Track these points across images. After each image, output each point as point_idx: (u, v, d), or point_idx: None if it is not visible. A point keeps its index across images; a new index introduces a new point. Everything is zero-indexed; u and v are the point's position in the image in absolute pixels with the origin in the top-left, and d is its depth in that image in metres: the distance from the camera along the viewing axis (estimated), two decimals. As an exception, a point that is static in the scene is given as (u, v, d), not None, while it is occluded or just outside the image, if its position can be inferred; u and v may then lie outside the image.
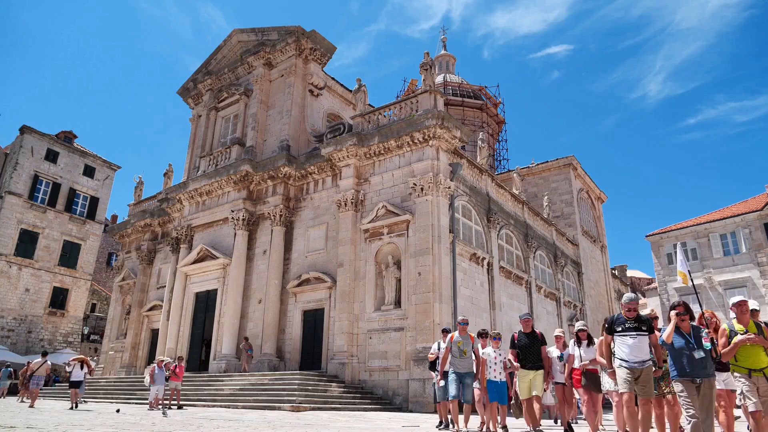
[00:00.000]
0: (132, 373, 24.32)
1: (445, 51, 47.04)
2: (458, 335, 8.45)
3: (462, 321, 8.66)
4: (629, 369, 5.81)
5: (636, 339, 5.85)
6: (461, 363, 8.28)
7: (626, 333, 5.93)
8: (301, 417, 11.63)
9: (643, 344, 5.85)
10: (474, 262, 19.71)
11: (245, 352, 19.17)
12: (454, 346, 8.35)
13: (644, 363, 5.80)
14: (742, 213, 31.63)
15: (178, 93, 28.54)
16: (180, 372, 15.12)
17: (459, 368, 8.26)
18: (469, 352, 8.33)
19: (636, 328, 5.91)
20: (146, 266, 26.97)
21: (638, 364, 5.79)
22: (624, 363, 5.87)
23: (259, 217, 21.77)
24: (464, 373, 8.27)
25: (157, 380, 14.60)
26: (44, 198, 35.91)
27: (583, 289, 30.63)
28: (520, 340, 8.17)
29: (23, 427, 7.61)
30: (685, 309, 5.74)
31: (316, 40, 23.76)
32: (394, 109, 19.63)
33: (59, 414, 11.61)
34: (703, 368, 5.41)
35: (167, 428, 8.07)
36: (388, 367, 16.31)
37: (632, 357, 5.82)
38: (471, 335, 8.48)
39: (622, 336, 5.97)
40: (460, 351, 8.29)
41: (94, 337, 39.25)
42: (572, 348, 7.85)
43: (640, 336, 5.88)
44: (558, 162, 33.89)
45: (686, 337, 5.56)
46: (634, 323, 5.95)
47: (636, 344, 5.84)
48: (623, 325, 5.99)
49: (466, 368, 8.30)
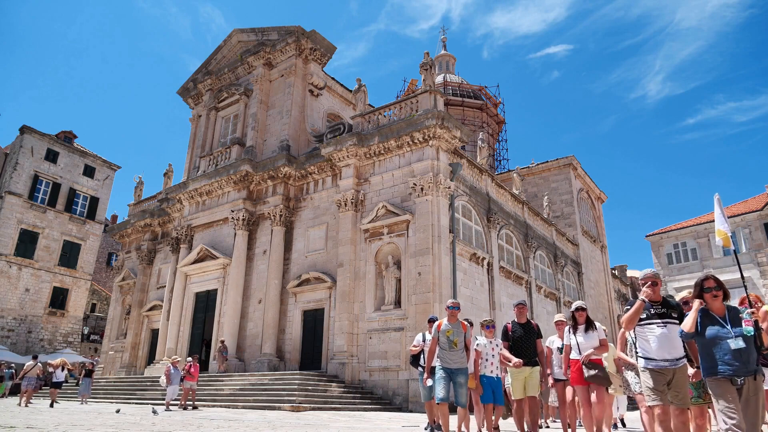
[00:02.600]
0: (132, 373, 24.33)
1: (445, 51, 47.02)
2: (447, 323, 6.78)
3: (451, 305, 6.85)
4: (658, 371, 4.46)
5: (665, 329, 4.50)
6: (451, 357, 6.61)
7: (650, 321, 4.57)
8: (301, 417, 11.63)
9: (674, 335, 4.46)
10: (474, 262, 19.72)
11: (220, 354, 19.19)
12: (441, 336, 6.69)
13: (677, 361, 4.47)
14: (742, 213, 31.64)
15: (178, 93, 28.55)
16: (195, 372, 14.72)
17: (448, 363, 6.59)
18: (461, 343, 6.69)
19: (664, 315, 4.55)
20: (146, 266, 26.97)
21: (669, 363, 4.45)
22: (650, 363, 4.50)
23: (259, 217, 21.77)
24: (455, 370, 6.57)
25: (173, 380, 14.43)
26: (44, 198, 35.92)
27: (583, 289, 30.63)
28: (515, 331, 7.16)
29: (23, 427, 7.61)
30: (717, 283, 4.27)
31: (316, 40, 23.77)
32: (394, 109, 19.64)
33: (59, 414, 11.61)
34: (745, 363, 3.95)
35: (167, 428, 8.06)
36: (388, 367, 16.30)
37: (661, 354, 4.46)
38: (463, 323, 6.84)
39: (645, 326, 4.59)
40: (449, 342, 6.63)
41: (94, 337, 39.24)
42: (567, 336, 6.56)
43: (670, 325, 4.51)
44: (558, 162, 33.90)
45: (719, 321, 4.14)
46: (660, 308, 4.59)
47: (665, 336, 4.47)
48: (646, 311, 4.60)
49: (458, 363, 6.59)
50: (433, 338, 6.86)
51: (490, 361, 7.26)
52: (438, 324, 6.86)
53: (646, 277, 4.71)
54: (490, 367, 7.25)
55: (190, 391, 14.56)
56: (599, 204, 38.81)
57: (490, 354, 7.28)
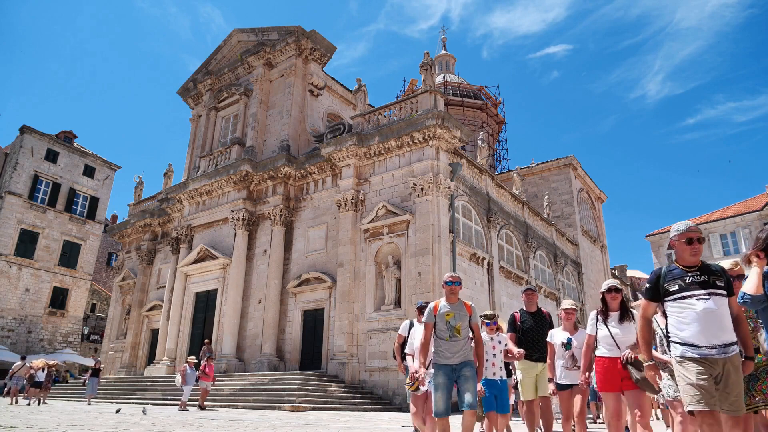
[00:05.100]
0: (132, 373, 24.33)
1: (445, 51, 47.01)
2: (446, 303, 5.07)
3: (450, 279, 5.10)
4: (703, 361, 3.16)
5: (709, 302, 3.22)
6: (452, 348, 4.93)
7: (689, 293, 3.29)
8: (301, 417, 11.63)
9: (722, 312, 3.23)
10: (474, 262, 19.72)
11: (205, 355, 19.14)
12: (440, 321, 4.99)
13: (728, 348, 3.17)
14: (742, 213, 31.65)
15: (178, 93, 28.54)
16: (210, 372, 14.51)
17: (449, 358, 4.94)
18: (466, 329, 5.01)
19: (707, 284, 3.28)
20: (146, 266, 26.96)
21: (717, 350, 3.16)
22: (689, 350, 3.21)
23: (259, 217, 21.77)
24: (458, 365, 4.93)
25: (189, 380, 14.34)
26: (44, 198, 35.91)
27: (583, 289, 30.62)
28: (524, 321, 6.11)
29: (23, 427, 7.60)
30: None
31: (316, 40, 23.77)
32: (394, 109, 19.64)
33: (59, 414, 11.60)
34: None
35: (167, 428, 8.06)
36: (388, 367, 16.29)
37: (705, 338, 3.18)
38: (467, 303, 5.14)
39: (679, 301, 3.31)
40: (450, 329, 4.94)
41: (94, 337, 39.23)
42: (592, 324, 4.80)
43: (715, 297, 3.24)
44: (558, 162, 33.91)
45: None
46: (699, 275, 3.31)
47: (710, 313, 3.19)
48: (681, 281, 3.33)
49: (462, 356, 4.96)
50: (427, 325, 5.03)
51: (492, 362, 5.96)
52: (434, 305, 5.09)
53: (681, 234, 3.38)
54: (492, 368, 5.95)
55: (205, 391, 14.41)
56: (599, 204, 38.82)
57: (491, 353, 5.99)
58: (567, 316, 5.72)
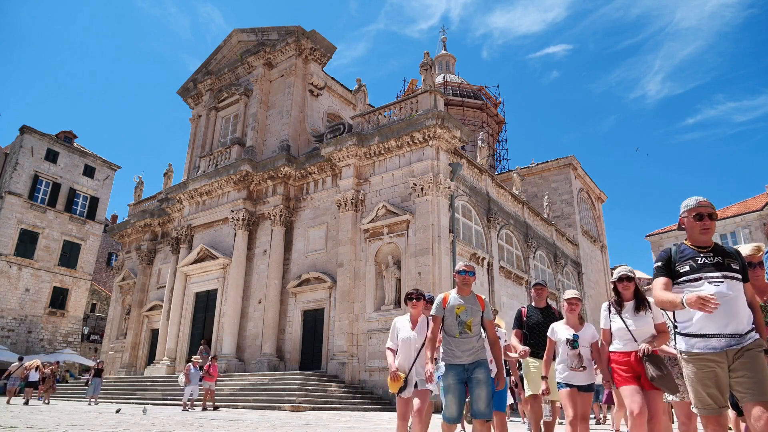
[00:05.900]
0: (132, 373, 24.33)
1: (445, 51, 47.01)
2: (456, 295, 4.54)
3: (464, 269, 4.59)
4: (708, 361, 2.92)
5: (722, 286, 2.93)
6: (462, 345, 4.41)
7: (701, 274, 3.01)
8: (301, 417, 11.64)
9: (738, 296, 2.95)
10: (474, 262, 19.71)
11: (202, 356, 19.15)
12: (449, 315, 4.47)
13: (743, 337, 2.90)
14: (742, 213, 31.62)
15: (178, 93, 28.55)
16: (214, 372, 14.47)
17: (460, 357, 4.41)
18: (478, 325, 4.50)
19: (721, 266, 3.00)
20: (146, 266, 26.97)
21: (727, 340, 2.89)
22: (697, 344, 2.96)
23: (259, 217, 21.77)
24: (470, 365, 4.40)
25: (192, 380, 14.30)
26: (44, 198, 35.91)
27: (583, 289, 30.62)
28: (531, 316, 5.80)
29: (23, 427, 7.61)
30: None
31: (316, 40, 23.77)
32: (394, 109, 19.64)
33: (59, 414, 11.61)
34: None
35: (167, 428, 8.06)
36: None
37: (714, 326, 2.92)
38: (480, 297, 4.60)
39: (690, 284, 3.02)
40: (460, 324, 4.42)
41: (94, 337, 39.23)
42: (605, 317, 4.36)
43: (729, 281, 2.96)
44: (558, 162, 33.92)
45: None
46: (711, 256, 3.04)
47: (722, 297, 2.88)
48: (693, 261, 3.05)
49: (474, 355, 4.42)
50: (436, 318, 4.49)
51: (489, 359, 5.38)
52: (443, 297, 4.56)
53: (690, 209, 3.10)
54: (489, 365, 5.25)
55: (209, 391, 14.33)
56: (599, 204, 38.83)
57: None
58: (570, 308, 5.02)
